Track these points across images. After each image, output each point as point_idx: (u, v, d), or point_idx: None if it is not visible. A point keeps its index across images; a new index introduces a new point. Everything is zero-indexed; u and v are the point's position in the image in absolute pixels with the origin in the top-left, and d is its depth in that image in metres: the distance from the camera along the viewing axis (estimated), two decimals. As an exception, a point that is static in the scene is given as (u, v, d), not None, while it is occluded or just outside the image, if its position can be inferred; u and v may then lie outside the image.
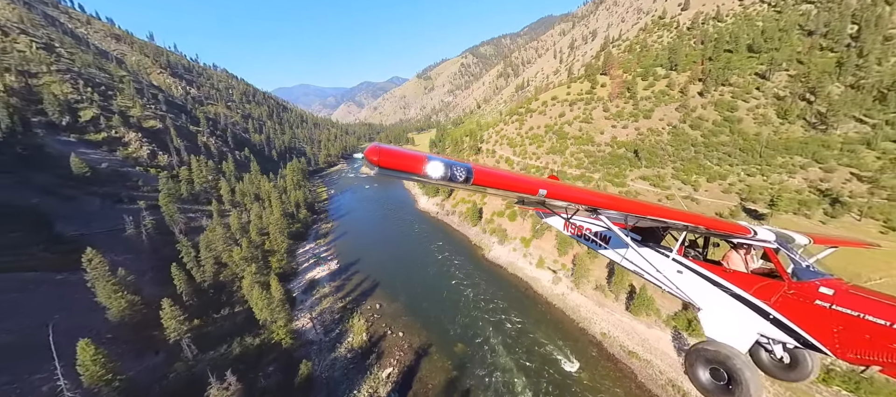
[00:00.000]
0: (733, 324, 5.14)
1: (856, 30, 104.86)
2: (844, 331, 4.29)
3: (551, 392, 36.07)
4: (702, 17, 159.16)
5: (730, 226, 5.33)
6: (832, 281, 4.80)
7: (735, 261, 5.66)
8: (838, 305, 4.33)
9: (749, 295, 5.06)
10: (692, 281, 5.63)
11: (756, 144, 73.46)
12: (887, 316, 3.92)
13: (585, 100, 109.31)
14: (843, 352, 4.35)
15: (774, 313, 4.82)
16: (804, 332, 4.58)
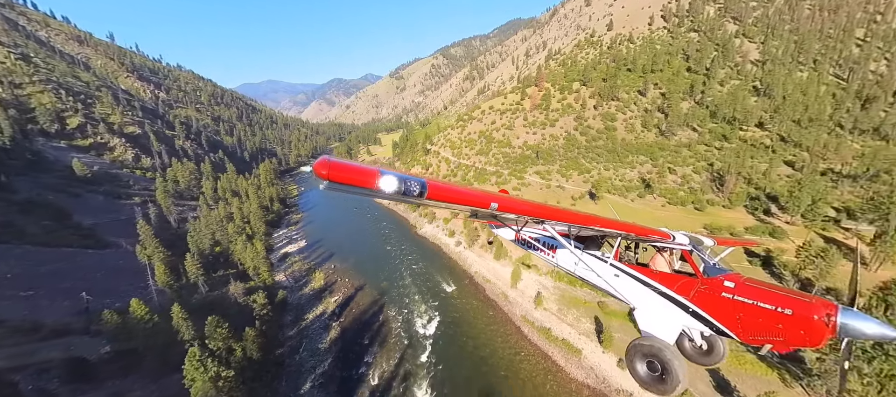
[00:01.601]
0: (662, 319, 5.93)
1: (713, 57, 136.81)
2: (745, 318, 5.16)
3: (433, 301, 60.08)
4: (619, 39, 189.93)
5: (655, 233, 6.09)
6: (732, 275, 5.72)
7: (660, 263, 6.58)
8: (739, 296, 5.23)
9: (673, 292, 5.84)
10: (627, 282, 6.35)
11: (617, 147, 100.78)
12: (773, 302, 4.90)
13: (512, 111, 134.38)
14: (745, 336, 5.24)
15: (693, 306, 5.62)
16: (716, 321, 5.42)
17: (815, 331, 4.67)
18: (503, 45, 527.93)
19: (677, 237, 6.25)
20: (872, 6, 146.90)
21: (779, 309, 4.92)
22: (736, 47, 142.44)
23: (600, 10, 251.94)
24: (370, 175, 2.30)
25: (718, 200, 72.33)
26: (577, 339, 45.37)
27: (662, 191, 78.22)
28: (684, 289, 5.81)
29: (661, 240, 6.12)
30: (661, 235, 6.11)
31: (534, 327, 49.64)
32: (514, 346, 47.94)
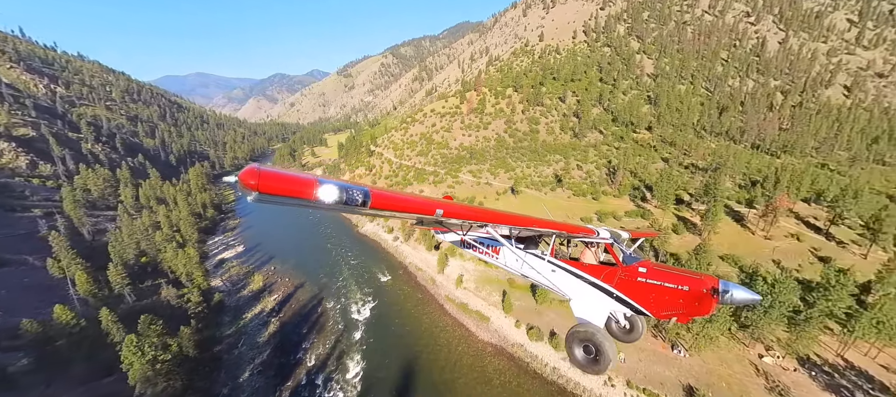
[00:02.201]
0: (593, 306, 6.59)
1: (619, 70, 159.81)
2: (656, 297, 6.08)
3: (369, 290, 66.82)
4: (548, 49, 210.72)
5: (583, 229, 6.86)
6: (645, 262, 6.64)
7: (588, 256, 7.27)
8: (650, 279, 6.14)
9: (600, 281, 6.56)
10: (562, 276, 6.96)
11: (538, 147, 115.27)
12: (675, 281, 5.91)
13: (451, 114, 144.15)
14: (657, 312, 6.14)
15: (616, 292, 6.41)
16: (635, 303, 6.28)
17: (706, 302, 5.67)
18: (451, 47, 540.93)
19: (601, 232, 7.04)
20: (734, 33, 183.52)
21: (680, 287, 5.89)
22: (636, 62, 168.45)
23: (534, 22, 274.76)
24: (307, 185, 2.20)
25: (611, 191, 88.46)
26: (487, 309, 55.06)
27: (570, 184, 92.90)
28: (609, 277, 6.56)
29: (587, 236, 6.93)
30: (587, 232, 6.93)
31: (454, 303, 58.47)
32: (437, 321, 56.30)
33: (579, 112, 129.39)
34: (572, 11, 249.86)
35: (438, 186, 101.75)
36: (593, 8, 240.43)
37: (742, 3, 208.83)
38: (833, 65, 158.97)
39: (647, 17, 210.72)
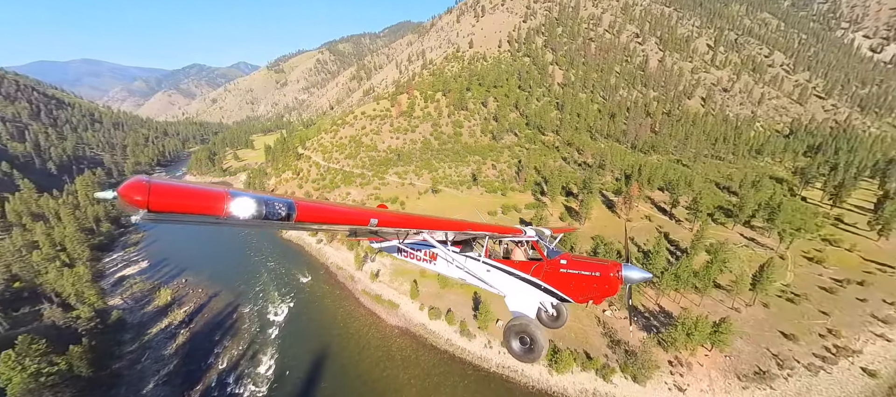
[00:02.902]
0: (525, 300, 7.29)
1: (535, 79, 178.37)
2: (575, 285, 6.93)
3: (288, 292, 69.10)
4: (476, 56, 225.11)
5: (512, 230, 7.50)
6: (565, 255, 7.35)
7: (518, 254, 7.88)
8: (570, 269, 6.97)
9: (529, 276, 7.21)
10: (497, 275, 7.53)
11: (461, 149, 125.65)
12: (589, 269, 6.87)
13: (382, 117, 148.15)
14: (577, 298, 7.02)
15: (544, 284, 7.11)
16: (560, 292, 7.06)
17: (613, 284, 6.85)
18: (391, 46, 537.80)
19: (527, 231, 7.75)
20: (626, 51, 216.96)
21: (593, 274, 6.96)
22: (549, 72, 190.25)
23: (466, 29, 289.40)
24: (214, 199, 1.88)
25: (518, 187, 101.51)
26: (398, 297, 61.75)
27: (484, 182, 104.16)
28: (537, 271, 7.33)
29: (516, 235, 7.65)
30: (515, 231, 7.63)
31: (369, 296, 64.06)
32: (351, 312, 61.39)
33: (498, 116, 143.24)
34: (499, 22, 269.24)
35: (365, 188, 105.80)
36: (517, 20, 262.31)
37: (634, 26, 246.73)
38: (695, 80, 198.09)
39: (560, 32, 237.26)
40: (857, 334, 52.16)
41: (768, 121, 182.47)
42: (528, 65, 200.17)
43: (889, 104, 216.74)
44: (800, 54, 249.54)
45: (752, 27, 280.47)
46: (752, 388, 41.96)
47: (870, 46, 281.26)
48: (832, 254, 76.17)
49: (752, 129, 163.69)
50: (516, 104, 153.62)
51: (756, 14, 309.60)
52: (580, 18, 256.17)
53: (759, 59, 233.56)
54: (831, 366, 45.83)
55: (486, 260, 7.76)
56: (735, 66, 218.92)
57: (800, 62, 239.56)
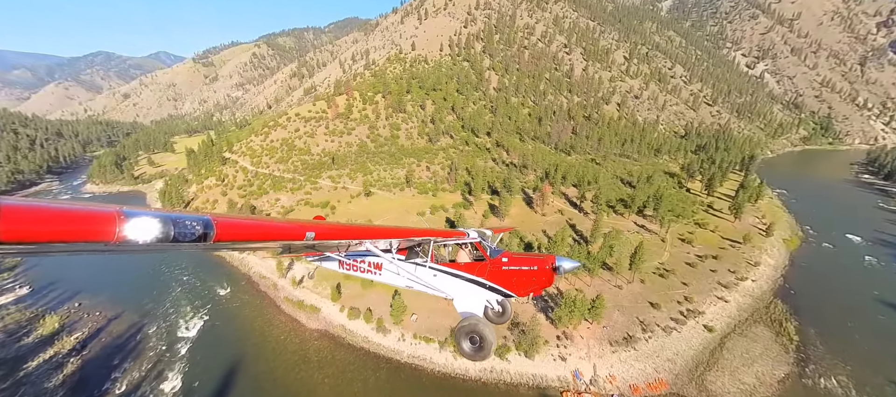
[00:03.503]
0: (473, 300, 7.59)
1: (473, 83, 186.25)
2: (517, 280, 7.49)
3: (204, 305, 65.81)
4: (418, 59, 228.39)
5: (456, 233, 7.74)
6: (506, 253, 7.84)
7: (462, 256, 8.24)
8: (512, 266, 7.50)
9: (475, 276, 7.57)
10: (444, 279, 7.70)
11: (397, 152, 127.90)
12: (528, 264, 7.53)
13: (317, 119, 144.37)
14: (520, 292, 7.59)
15: (489, 283, 7.52)
16: (503, 289, 7.53)
17: (549, 276, 7.42)
18: (336, 43, 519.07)
19: (470, 233, 7.99)
20: (555, 60, 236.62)
21: (532, 268, 7.47)
22: (486, 77, 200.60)
23: (410, 30, 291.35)
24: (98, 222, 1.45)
25: (449, 188, 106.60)
26: (320, 301, 62.36)
27: (417, 184, 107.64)
28: (481, 271, 7.66)
29: (460, 238, 7.87)
30: (459, 234, 7.86)
31: (291, 302, 63.68)
32: (270, 321, 60.66)
33: (435, 118, 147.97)
34: (441, 26, 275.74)
35: (296, 193, 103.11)
36: (458, 25, 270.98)
37: (563, 37, 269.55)
38: (612, 88, 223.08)
39: (498, 39, 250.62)
40: (705, 299, 65.06)
41: (669, 124, 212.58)
42: (466, 69, 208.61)
43: (757, 111, 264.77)
44: (695, 68, 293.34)
45: (660, 43, 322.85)
46: (620, 351, 50.66)
47: (746, 63, 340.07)
48: (700, 235, 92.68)
49: (655, 131, 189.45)
50: (453, 107, 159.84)
51: (664, 32, 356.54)
52: (516, 27, 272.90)
53: (664, 70, 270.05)
54: (681, 327, 56.87)
55: (432, 265, 7.84)
56: (645, 76, 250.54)
57: (695, 74, 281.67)
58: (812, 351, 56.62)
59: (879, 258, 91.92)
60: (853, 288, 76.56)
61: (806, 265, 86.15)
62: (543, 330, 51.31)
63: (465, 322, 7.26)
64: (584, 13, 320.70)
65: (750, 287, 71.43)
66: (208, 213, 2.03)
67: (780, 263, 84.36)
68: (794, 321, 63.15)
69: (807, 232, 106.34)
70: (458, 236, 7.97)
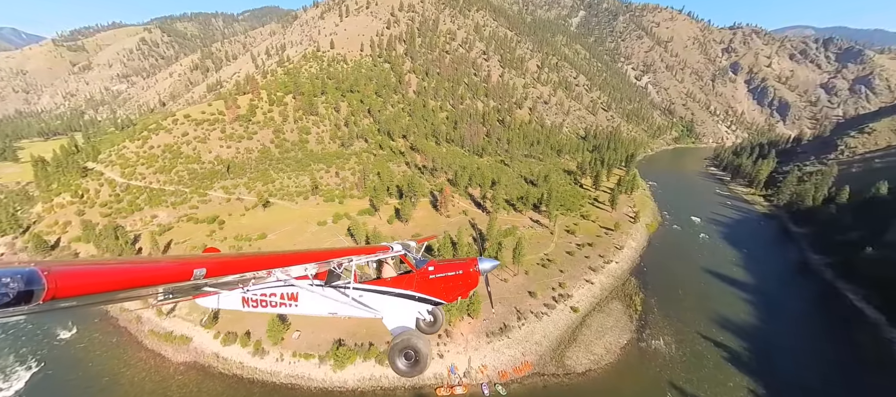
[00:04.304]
0: (403, 315, 7.48)
1: (393, 86, 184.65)
2: (445, 287, 7.52)
3: (36, 351, 54.98)
4: (337, 58, 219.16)
5: (379, 248, 7.49)
6: (432, 262, 7.90)
7: (388, 271, 8.10)
8: (438, 274, 7.55)
9: (403, 290, 7.46)
10: (371, 298, 7.45)
11: (305, 157, 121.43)
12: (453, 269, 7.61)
13: (211, 121, 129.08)
14: (448, 298, 7.61)
15: (418, 294, 7.47)
16: (432, 297, 7.51)
17: (474, 278, 7.37)
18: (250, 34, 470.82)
19: (394, 247, 7.70)
20: (474, 66, 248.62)
21: (457, 273, 7.37)
22: (406, 81, 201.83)
23: (330, 27, 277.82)
24: None
25: (357, 194, 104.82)
26: (192, 330, 56.29)
27: (324, 191, 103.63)
28: (408, 283, 7.41)
29: (384, 253, 7.50)
30: (383, 249, 7.48)
31: (158, 335, 56.22)
32: (127, 360, 52.83)
33: (350, 121, 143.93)
34: (363, 25, 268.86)
35: (178, 208, 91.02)
36: (381, 26, 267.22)
37: (483, 44, 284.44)
38: (525, 94, 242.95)
39: (420, 43, 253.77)
40: (575, 283, 75.19)
41: (572, 127, 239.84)
42: (387, 71, 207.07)
43: (642, 115, 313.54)
44: (595, 78, 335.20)
45: (568, 54, 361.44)
46: (495, 341, 55.85)
47: (634, 75, 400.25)
48: (583, 225, 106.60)
49: (560, 134, 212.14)
50: (370, 110, 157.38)
51: (572, 45, 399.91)
52: (439, 32, 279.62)
53: (570, 79, 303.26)
54: (551, 311, 64.91)
55: (357, 285, 7.53)
56: (554, 83, 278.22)
57: (595, 83, 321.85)
58: (650, 318, 69.58)
59: (710, 235, 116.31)
60: (688, 260, 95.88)
61: (658, 245, 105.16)
62: (426, 330, 54.01)
63: (398, 339, 7.05)
64: (504, 23, 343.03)
65: (614, 268, 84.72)
66: (35, 263, 1.54)
67: (640, 245, 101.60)
68: (641, 294, 76.95)
69: (664, 216, 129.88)
70: (382, 251, 7.65)
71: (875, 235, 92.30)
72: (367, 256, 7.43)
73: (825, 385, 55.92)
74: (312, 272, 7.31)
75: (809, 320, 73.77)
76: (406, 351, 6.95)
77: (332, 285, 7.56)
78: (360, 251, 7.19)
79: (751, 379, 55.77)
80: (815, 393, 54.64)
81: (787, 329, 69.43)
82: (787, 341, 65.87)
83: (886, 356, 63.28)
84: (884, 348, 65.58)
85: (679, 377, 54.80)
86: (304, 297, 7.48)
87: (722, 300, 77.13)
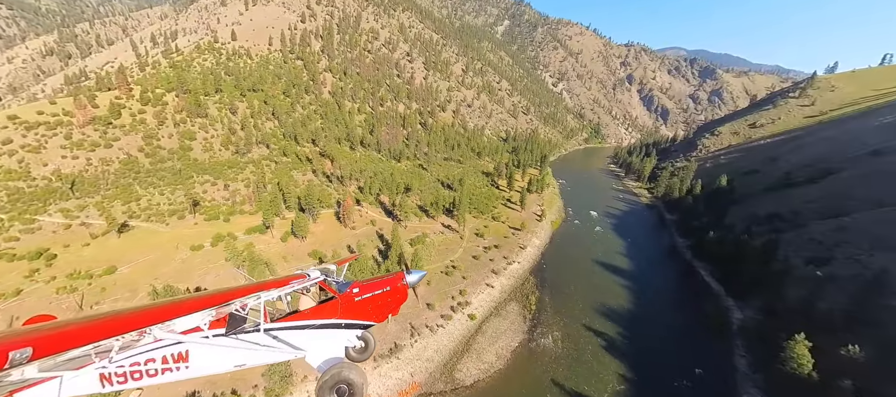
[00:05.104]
0: (329, 347, 6.60)
1: (304, 85, 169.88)
2: (373, 307, 6.85)
3: None
4: (240, 51, 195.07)
5: (293, 279, 6.72)
6: (355, 283, 7.09)
7: (305, 302, 7.25)
8: (364, 295, 6.83)
9: (326, 319, 6.61)
10: (289, 336, 6.41)
11: (187, 168, 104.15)
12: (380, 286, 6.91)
13: (53, 125, 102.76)
14: (378, 319, 6.96)
15: (343, 321, 6.72)
16: (361, 321, 6.81)
17: (403, 292, 7.06)
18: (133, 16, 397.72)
19: (311, 274, 7.17)
20: (398, 67, 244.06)
21: (385, 290, 6.93)
22: (321, 80, 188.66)
23: (233, 16, 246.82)
24: None
25: (250, 209, 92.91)
26: None
27: (207, 208, 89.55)
28: (332, 311, 6.72)
29: (300, 282, 6.75)
30: (298, 278, 6.83)
31: None
32: None
33: (247, 125, 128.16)
34: (273, 16, 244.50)
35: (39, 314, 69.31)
36: (294, 19, 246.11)
37: (407, 45, 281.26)
38: (449, 96, 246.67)
39: (339, 40, 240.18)
40: (476, 289, 76.33)
41: (494, 129, 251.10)
42: (299, 69, 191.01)
43: (558, 119, 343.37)
44: (517, 83, 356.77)
45: (493, 60, 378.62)
46: (382, 364, 52.86)
47: (551, 82, 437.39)
48: (494, 227, 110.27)
49: (483, 136, 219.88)
50: (274, 112, 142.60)
51: (497, 51, 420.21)
52: (361, 30, 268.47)
53: (494, 84, 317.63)
54: (448, 322, 64.37)
55: (269, 326, 6.21)
56: (478, 87, 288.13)
57: (516, 88, 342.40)
58: (542, 316, 73.69)
59: (604, 227, 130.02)
60: (582, 255, 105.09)
61: (559, 241, 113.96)
62: (302, 365, 48.57)
63: (326, 375, 6.07)
64: (430, 25, 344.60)
65: (515, 269, 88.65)
66: None
67: (543, 243, 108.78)
68: (537, 292, 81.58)
69: (568, 212, 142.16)
70: (297, 280, 6.90)
71: (718, 220, 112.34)
72: (279, 290, 6.54)
73: (679, 355, 64.10)
74: (207, 321, 5.80)
75: (673, 296, 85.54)
76: (338, 387, 6.21)
77: (235, 333, 6.16)
78: (269, 285, 6.36)
79: (621, 363, 61.74)
80: (668, 363, 62.36)
81: (655, 307, 79.55)
82: (653, 317, 75.29)
83: (726, 323, 75.29)
84: (723, 316, 78.23)
85: (561, 374, 58.30)
86: (198, 354, 5.87)
87: (607, 289, 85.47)
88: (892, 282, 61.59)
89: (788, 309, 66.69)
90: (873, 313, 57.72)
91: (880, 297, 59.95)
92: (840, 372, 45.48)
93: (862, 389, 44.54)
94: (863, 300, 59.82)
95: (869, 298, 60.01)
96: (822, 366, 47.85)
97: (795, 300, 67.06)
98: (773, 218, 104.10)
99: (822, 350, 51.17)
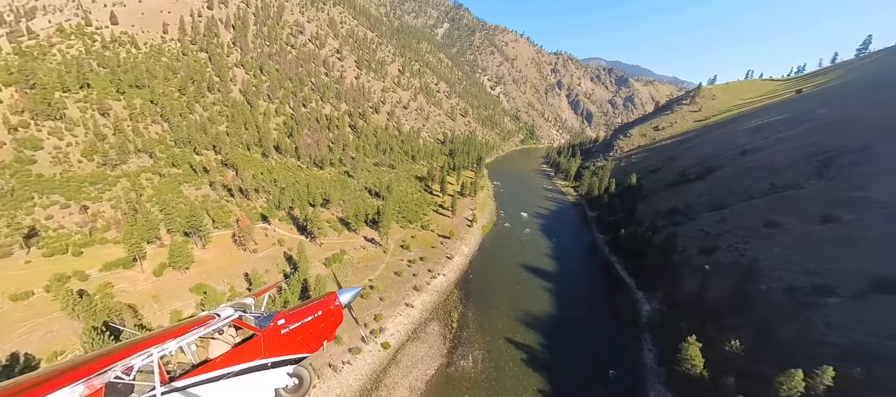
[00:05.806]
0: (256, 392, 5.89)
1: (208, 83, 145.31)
2: (304, 337, 6.32)
3: None
4: (121, 39, 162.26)
5: (198, 322, 5.77)
6: (279, 314, 6.52)
7: (218, 347, 6.25)
8: (292, 325, 6.26)
9: (245, 363, 5.79)
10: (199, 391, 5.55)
11: (19, 187, 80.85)
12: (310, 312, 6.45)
13: None
14: (312, 349, 6.48)
15: (269, 360, 6.02)
16: (291, 355, 6.21)
17: (337, 314, 6.77)
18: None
19: (222, 312, 6.44)
20: (326, 65, 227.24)
21: (316, 315, 6.56)
22: (231, 76, 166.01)
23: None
24: None
25: (117, 237, 74.83)
26: None
27: (50, 238, 69.79)
28: (254, 351, 6.05)
29: (208, 324, 5.96)
30: (204, 321, 5.99)
31: None
32: None
33: (122, 129, 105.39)
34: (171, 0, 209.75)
35: None
36: (199, 4, 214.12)
37: (337, 42, 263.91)
38: (384, 97, 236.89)
39: (256, 32, 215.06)
40: (394, 311, 70.25)
41: (432, 132, 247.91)
42: (203, 63, 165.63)
43: (496, 121, 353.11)
44: (456, 86, 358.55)
45: (432, 61, 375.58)
46: (265, 423, 43.94)
47: (489, 86, 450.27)
48: (422, 237, 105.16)
49: (419, 139, 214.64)
50: (163, 114, 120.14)
51: (436, 53, 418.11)
52: (284, 22, 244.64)
53: (432, 85, 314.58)
54: (356, 356, 57.28)
55: (168, 387, 5.49)
56: (415, 89, 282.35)
57: (454, 91, 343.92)
58: (464, 334, 70.19)
59: (533, 228, 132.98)
60: (509, 260, 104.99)
61: (488, 247, 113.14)
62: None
63: None
64: (365, 22, 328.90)
65: (440, 283, 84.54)
66: None
67: (472, 250, 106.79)
68: (461, 307, 78.25)
69: (500, 215, 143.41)
70: (205, 323, 5.91)
71: (629, 216, 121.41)
72: (178, 339, 5.33)
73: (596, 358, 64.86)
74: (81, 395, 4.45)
75: (593, 294, 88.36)
76: None
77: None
78: (165, 336, 5.18)
79: (541, 377, 60.16)
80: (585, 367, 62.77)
81: (576, 306, 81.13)
82: (575, 317, 76.44)
83: (636, 315, 79.06)
84: (634, 308, 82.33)
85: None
86: None
87: (531, 295, 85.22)
88: (762, 269, 70.18)
89: (686, 300, 72.01)
90: (750, 297, 64.55)
91: (754, 282, 67.53)
92: (724, 370, 48.89)
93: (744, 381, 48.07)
94: (741, 286, 66.68)
95: (746, 284, 67.24)
96: (711, 365, 50.96)
97: (691, 289, 72.62)
98: (674, 212, 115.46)
99: (712, 341, 54.92)
